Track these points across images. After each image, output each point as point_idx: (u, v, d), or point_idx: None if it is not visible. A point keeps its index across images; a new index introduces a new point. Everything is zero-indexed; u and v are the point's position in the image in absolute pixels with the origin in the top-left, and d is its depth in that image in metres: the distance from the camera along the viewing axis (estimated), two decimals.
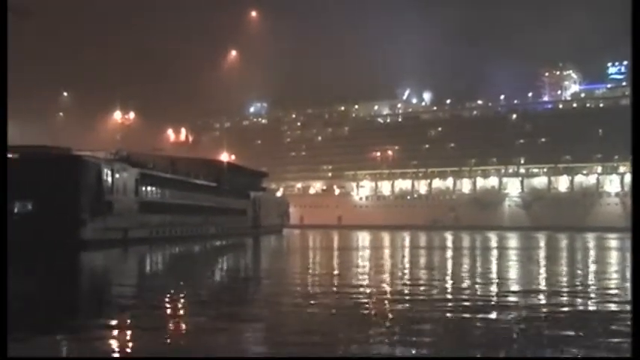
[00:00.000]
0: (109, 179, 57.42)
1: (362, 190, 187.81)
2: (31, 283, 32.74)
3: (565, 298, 24.93)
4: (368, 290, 28.10)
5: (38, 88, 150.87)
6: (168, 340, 16.62)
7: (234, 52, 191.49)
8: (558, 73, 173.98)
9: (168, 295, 26.16)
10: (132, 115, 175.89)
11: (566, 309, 22.35)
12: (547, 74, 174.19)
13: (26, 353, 14.72)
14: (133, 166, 64.34)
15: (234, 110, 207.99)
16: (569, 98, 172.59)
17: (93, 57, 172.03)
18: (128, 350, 15.31)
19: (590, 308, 22.68)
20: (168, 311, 22.32)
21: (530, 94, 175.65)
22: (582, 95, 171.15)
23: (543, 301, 24.28)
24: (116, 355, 14.32)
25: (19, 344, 15.49)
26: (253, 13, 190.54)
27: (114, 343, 15.85)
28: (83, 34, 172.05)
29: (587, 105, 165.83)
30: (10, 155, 52.84)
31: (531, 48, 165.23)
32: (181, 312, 22.22)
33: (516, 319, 19.58)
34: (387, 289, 28.98)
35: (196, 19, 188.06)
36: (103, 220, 55.04)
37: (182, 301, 24.80)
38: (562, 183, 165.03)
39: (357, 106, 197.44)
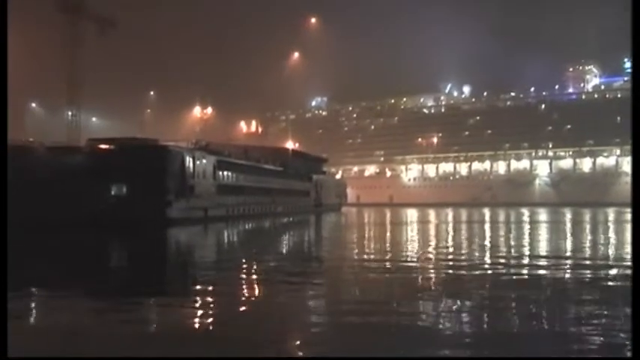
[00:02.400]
0: (191, 165, 57.37)
1: (410, 173, 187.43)
2: (126, 254, 33.28)
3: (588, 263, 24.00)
4: (417, 255, 27.88)
5: (129, 88, 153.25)
6: (246, 298, 16.47)
7: (296, 54, 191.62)
8: (581, 68, 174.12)
9: (245, 261, 26.44)
10: (209, 110, 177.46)
11: (589, 271, 21.83)
12: (571, 69, 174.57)
13: (116, 316, 14.29)
14: (211, 154, 64.23)
15: (298, 104, 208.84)
16: (590, 90, 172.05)
17: (176, 60, 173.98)
18: (211, 308, 15.00)
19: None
20: (246, 274, 22.28)
21: (556, 87, 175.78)
22: (602, 87, 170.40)
23: (570, 265, 23.63)
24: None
25: (117, 307, 15.45)
26: (313, 20, 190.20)
27: (199, 304, 15.60)
28: (165, 40, 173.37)
29: (607, 96, 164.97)
30: (106, 146, 53.99)
31: (557, 45, 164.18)
32: (256, 275, 22.12)
33: (547, 280, 19.24)
34: (433, 253, 28.78)
35: (263, 25, 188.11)
36: (186, 201, 55.09)
37: (256, 265, 24.82)
38: (586, 164, 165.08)
39: (405, 99, 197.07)
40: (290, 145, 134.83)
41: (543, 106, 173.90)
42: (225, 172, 67.00)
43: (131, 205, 49.01)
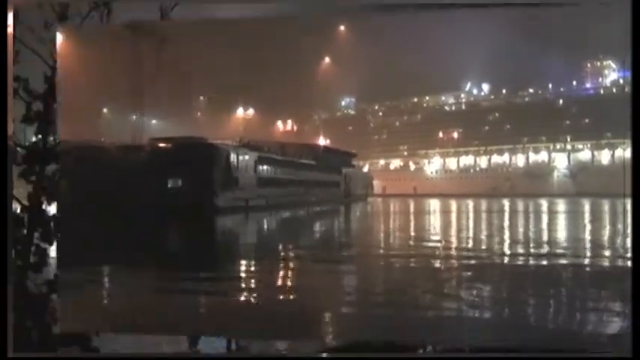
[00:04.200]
0: (235, 161, 60.59)
1: (432, 166, 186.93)
2: (180, 238, 36.07)
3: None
4: (440, 240, 29.00)
5: (184, 95, 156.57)
6: (282, 281, 17.56)
7: (327, 59, 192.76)
8: (599, 63, 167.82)
9: (283, 244, 28.46)
10: (251, 111, 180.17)
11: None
12: (589, 64, 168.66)
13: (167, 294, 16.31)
14: (253, 151, 67.29)
15: (329, 104, 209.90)
16: (608, 85, 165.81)
17: (222, 68, 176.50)
18: (252, 287, 16.40)
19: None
20: (284, 256, 23.48)
21: (574, 82, 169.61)
22: (621, 82, 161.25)
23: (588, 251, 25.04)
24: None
25: (170, 283, 17.50)
26: (342, 27, 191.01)
27: (242, 282, 17.14)
28: (212, 52, 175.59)
29: (626, 90, 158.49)
30: (164, 144, 57.49)
31: (575, 41, 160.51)
32: (294, 258, 23.22)
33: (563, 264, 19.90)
34: (454, 238, 30.21)
35: (298, 34, 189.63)
36: (231, 192, 58.08)
37: (293, 249, 26.41)
38: (604, 156, 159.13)
39: (427, 98, 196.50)
40: (322, 141, 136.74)
41: (561, 101, 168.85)
42: (265, 167, 69.86)
43: (185, 195, 52.07)
